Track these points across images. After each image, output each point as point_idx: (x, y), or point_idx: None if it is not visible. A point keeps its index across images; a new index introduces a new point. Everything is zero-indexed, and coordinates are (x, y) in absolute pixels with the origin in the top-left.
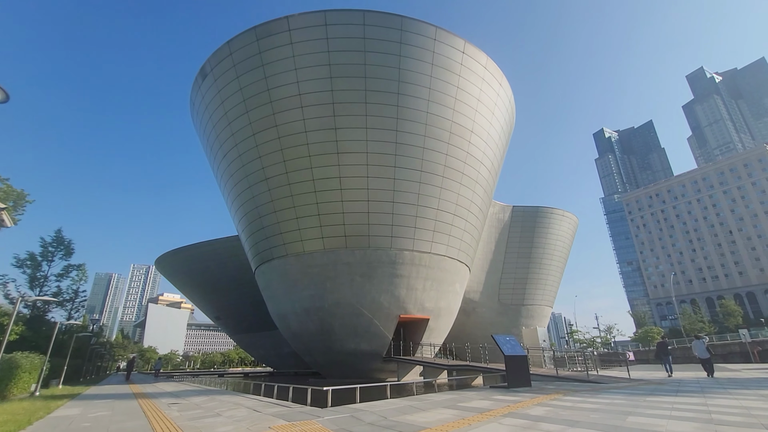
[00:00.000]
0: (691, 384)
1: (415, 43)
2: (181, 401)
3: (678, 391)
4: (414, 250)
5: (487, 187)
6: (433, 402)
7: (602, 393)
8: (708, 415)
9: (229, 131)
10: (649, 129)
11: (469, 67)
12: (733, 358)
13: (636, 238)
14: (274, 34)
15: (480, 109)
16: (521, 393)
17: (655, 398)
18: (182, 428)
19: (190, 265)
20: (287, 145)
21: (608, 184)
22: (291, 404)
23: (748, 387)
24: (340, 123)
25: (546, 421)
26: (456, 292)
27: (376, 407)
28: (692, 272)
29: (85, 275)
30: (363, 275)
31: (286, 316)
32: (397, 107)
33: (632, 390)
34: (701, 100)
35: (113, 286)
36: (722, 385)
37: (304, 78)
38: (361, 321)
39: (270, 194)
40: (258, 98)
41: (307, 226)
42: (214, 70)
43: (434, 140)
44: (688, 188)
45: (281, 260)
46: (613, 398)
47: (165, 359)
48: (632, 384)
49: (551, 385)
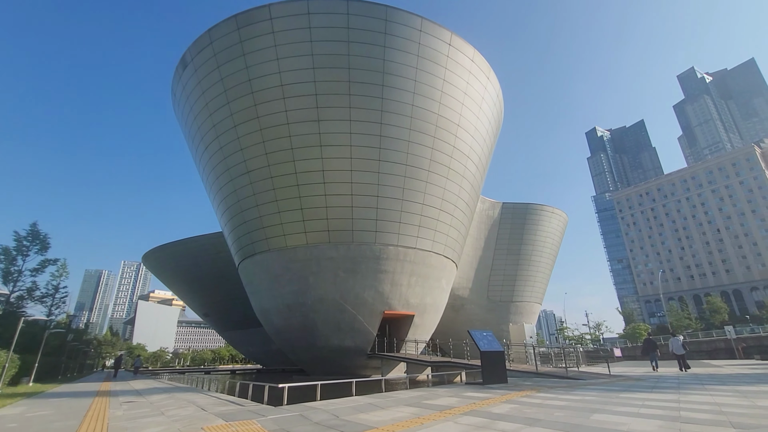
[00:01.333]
0: (669, 380)
1: (400, 34)
2: (138, 400)
3: (654, 387)
4: (399, 245)
5: (474, 182)
6: (397, 399)
7: (577, 390)
8: (677, 413)
9: (210, 123)
10: (640, 128)
11: (456, 59)
12: (718, 354)
13: (626, 236)
14: (255, 22)
15: (467, 102)
16: (495, 390)
17: (628, 395)
18: (111, 429)
19: (177, 261)
20: (269, 137)
21: (600, 182)
22: (246, 402)
23: (726, 383)
24: (323, 115)
25: (505, 420)
26: (442, 288)
27: (333, 405)
28: (681, 270)
29: (65, 271)
30: (346, 270)
31: (269, 312)
32: (382, 99)
33: (608, 386)
34: (692, 100)
35: (103, 283)
36: (701, 380)
37: (286, 68)
38: (345, 317)
39: (252, 188)
40: (239, 89)
41: (289, 220)
42: (194, 60)
43: (420, 134)
44: (677, 187)
45: (263, 255)
46: (585, 395)
47: (154, 357)
48: (611, 380)
49: (529, 381)
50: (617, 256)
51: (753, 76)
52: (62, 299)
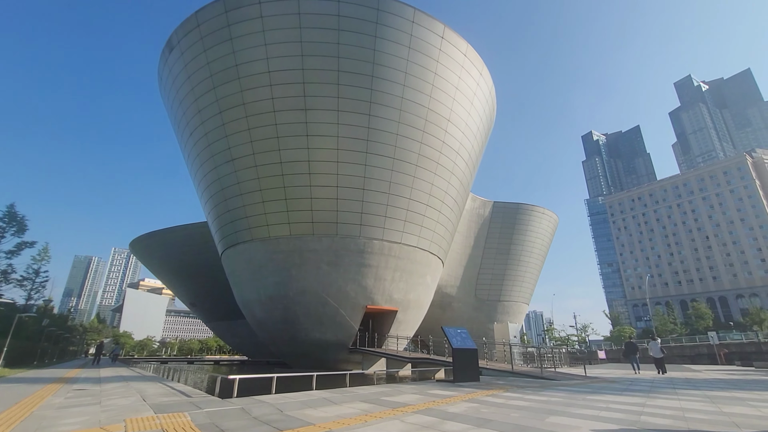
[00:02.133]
0: (643, 383)
1: (392, 24)
2: (91, 388)
3: (626, 390)
4: (384, 239)
5: (463, 178)
6: (355, 395)
7: (546, 390)
8: (637, 417)
9: (196, 108)
10: (636, 134)
11: (448, 53)
12: (700, 359)
13: (617, 240)
14: (243, 6)
15: (458, 97)
16: (463, 388)
17: (595, 397)
18: (32, 417)
19: (165, 249)
20: (255, 124)
21: (594, 186)
22: (196, 394)
23: (699, 387)
24: (310, 104)
25: (456, 420)
26: (427, 285)
27: (284, 399)
28: (669, 275)
29: (47, 255)
30: (329, 263)
31: (250, 304)
32: (371, 90)
33: (579, 388)
34: (687, 108)
35: (93, 270)
36: (674, 384)
37: (274, 54)
38: (327, 310)
39: (236, 176)
40: (225, 74)
41: (273, 210)
42: (181, 43)
43: (409, 127)
44: (669, 193)
45: (246, 245)
46: (552, 396)
47: (140, 345)
48: (584, 382)
49: (502, 380)
50: (608, 259)
51: (748, 86)
52: (42, 283)
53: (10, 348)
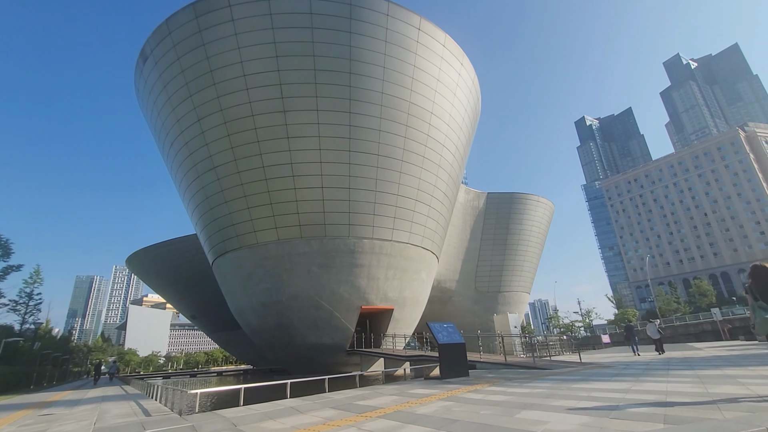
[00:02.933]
0: (637, 366)
1: (366, 18)
2: (60, 411)
3: (617, 375)
4: (374, 237)
5: (452, 171)
6: (329, 401)
7: (534, 381)
8: (616, 404)
9: (174, 117)
10: (628, 116)
11: (426, 44)
12: (705, 336)
13: (616, 223)
14: (213, 10)
15: (440, 89)
16: (449, 384)
17: (581, 384)
18: None
19: (160, 263)
20: (234, 130)
21: (590, 171)
22: (158, 411)
23: (694, 367)
24: (288, 105)
25: (419, 423)
26: (422, 281)
27: (246, 412)
28: (670, 254)
29: (39, 278)
30: (320, 266)
31: (244, 312)
32: (350, 88)
33: (569, 376)
34: (678, 87)
35: (96, 289)
36: (669, 365)
37: (248, 57)
38: (321, 314)
39: (219, 183)
40: (201, 81)
41: (259, 216)
42: (154, 52)
43: (391, 122)
44: (664, 173)
45: (235, 253)
46: (536, 387)
47: (145, 362)
48: (577, 369)
49: (493, 373)
50: (608, 243)
51: (737, 61)
52: (37, 306)
53: (2, 373)
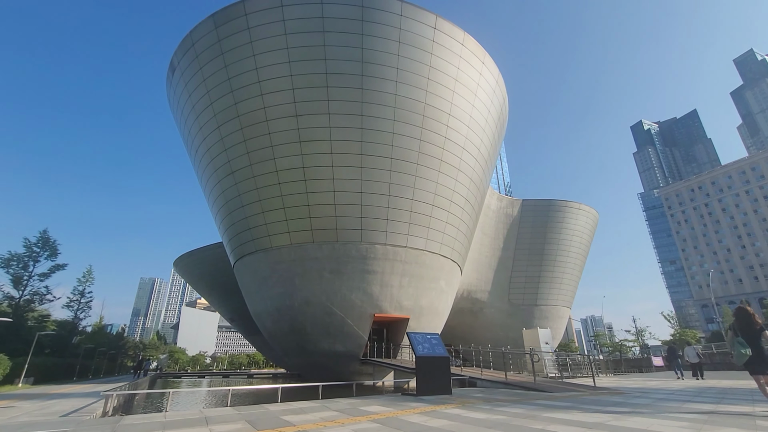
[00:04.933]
0: (657, 395)
1: (378, 20)
2: (22, 404)
3: (615, 405)
4: (387, 243)
5: (474, 176)
6: (276, 411)
7: (513, 405)
8: None
9: (198, 125)
10: (693, 119)
11: (443, 44)
12: None
13: (677, 235)
14: (231, 20)
15: (459, 90)
16: (413, 402)
17: (551, 414)
18: None
19: (203, 266)
20: (249, 135)
21: (648, 178)
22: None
23: (724, 400)
24: (300, 110)
25: None
26: (441, 290)
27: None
28: (742, 270)
29: (90, 277)
30: (332, 271)
31: (261, 316)
32: (362, 90)
33: (557, 402)
34: (751, 85)
35: (157, 290)
36: (695, 396)
37: (263, 64)
38: (333, 320)
39: (237, 188)
40: (219, 89)
41: (273, 220)
42: (180, 63)
43: (406, 125)
44: (734, 179)
45: (251, 257)
46: (501, 412)
47: (193, 360)
48: (580, 393)
49: (481, 393)
50: (669, 257)
51: None
52: (88, 303)
53: (47, 364)
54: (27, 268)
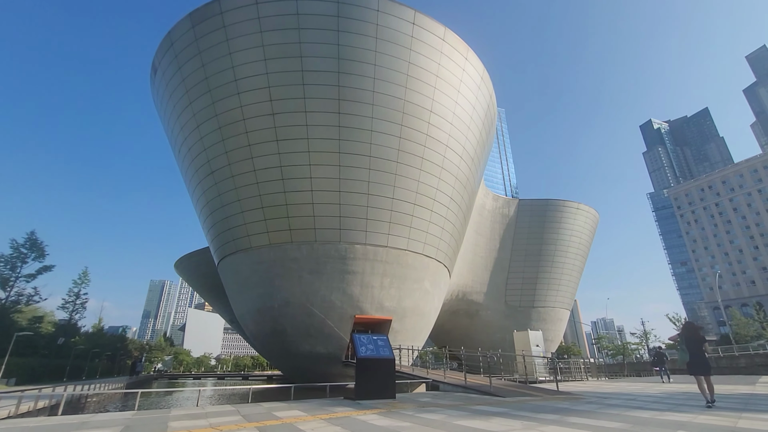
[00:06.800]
0: (610, 400)
1: (354, 16)
2: None
3: (557, 410)
4: (367, 243)
5: (460, 174)
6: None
7: (446, 410)
8: None
9: (179, 125)
10: (704, 117)
11: (423, 39)
12: None
13: (687, 236)
14: (207, 18)
15: (440, 86)
16: (340, 407)
17: (464, 422)
18: None
19: (203, 268)
20: (227, 135)
21: (659, 178)
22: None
23: (676, 407)
24: (277, 108)
25: None
26: (426, 291)
27: None
28: (755, 272)
29: (86, 279)
30: (311, 272)
31: (243, 317)
32: (339, 87)
33: (492, 408)
34: (765, 82)
35: (166, 292)
36: (650, 402)
37: (239, 62)
38: (314, 321)
39: (217, 188)
40: (198, 88)
41: (252, 220)
42: (161, 64)
43: (384, 122)
44: (746, 178)
45: (233, 257)
46: (424, 417)
47: (197, 362)
48: (534, 398)
49: (427, 397)
50: (680, 258)
51: None
52: (83, 305)
53: (32, 365)
54: (15, 269)
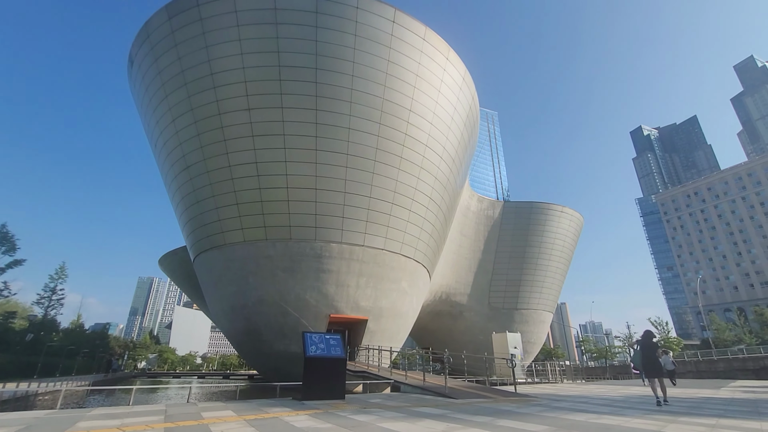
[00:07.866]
0: (563, 402)
1: (333, 12)
2: None
3: (502, 412)
4: (343, 242)
5: (440, 174)
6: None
7: (380, 412)
8: None
9: (155, 119)
10: (693, 125)
11: (403, 38)
12: (766, 373)
13: (673, 241)
14: (184, 10)
15: (420, 85)
16: (279, 407)
17: (388, 424)
18: None
19: (187, 266)
20: (203, 129)
21: (647, 184)
22: None
23: (622, 410)
24: (253, 103)
25: None
26: (403, 291)
27: None
28: (738, 278)
29: (63, 274)
30: (285, 270)
31: (218, 315)
32: (316, 84)
33: (433, 410)
34: (752, 92)
35: (154, 290)
36: (602, 405)
37: (215, 56)
38: (288, 320)
39: (192, 183)
40: (174, 82)
41: (226, 216)
42: (137, 56)
43: (362, 120)
44: (731, 185)
45: (207, 254)
46: (353, 419)
47: (182, 360)
48: (485, 401)
49: (379, 398)
50: (666, 263)
51: None
52: (60, 300)
53: (3, 362)
54: None
